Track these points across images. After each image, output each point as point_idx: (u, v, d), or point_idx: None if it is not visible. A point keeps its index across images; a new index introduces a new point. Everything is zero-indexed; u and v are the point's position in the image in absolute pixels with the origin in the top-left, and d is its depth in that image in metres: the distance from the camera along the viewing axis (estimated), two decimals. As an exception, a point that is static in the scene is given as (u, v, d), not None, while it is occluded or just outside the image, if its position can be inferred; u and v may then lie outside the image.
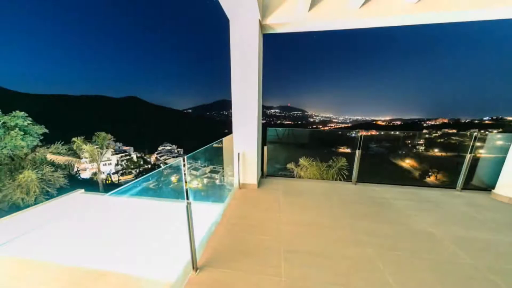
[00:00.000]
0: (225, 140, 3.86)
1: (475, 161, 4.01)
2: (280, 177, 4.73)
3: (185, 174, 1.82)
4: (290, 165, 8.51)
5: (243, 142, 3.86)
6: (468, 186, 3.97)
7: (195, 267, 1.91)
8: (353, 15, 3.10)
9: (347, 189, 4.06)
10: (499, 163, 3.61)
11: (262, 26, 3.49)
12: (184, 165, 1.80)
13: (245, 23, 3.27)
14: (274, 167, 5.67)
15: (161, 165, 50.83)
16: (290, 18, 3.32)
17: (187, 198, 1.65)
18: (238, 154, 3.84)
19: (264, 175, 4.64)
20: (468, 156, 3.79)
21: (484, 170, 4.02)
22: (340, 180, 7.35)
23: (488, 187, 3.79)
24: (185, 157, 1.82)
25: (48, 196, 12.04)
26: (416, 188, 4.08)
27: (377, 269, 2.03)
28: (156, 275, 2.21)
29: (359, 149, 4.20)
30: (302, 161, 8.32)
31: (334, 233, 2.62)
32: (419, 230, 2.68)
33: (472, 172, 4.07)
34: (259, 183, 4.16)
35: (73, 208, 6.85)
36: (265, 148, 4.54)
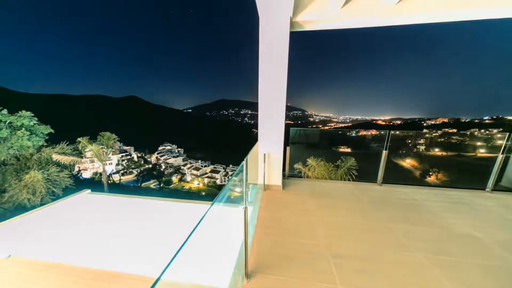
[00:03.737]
0: (252, 149, 3.73)
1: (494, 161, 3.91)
2: (301, 178, 4.66)
3: (246, 174, 1.73)
4: (298, 165, 8.46)
5: (269, 143, 3.77)
6: (497, 187, 3.90)
7: (247, 274, 1.83)
8: (389, 12, 3.01)
9: (373, 190, 3.98)
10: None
11: (291, 24, 3.40)
12: (246, 167, 1.71)
13: (278, 20, 3.18)
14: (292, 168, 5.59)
15: (162, 165, 50.66)
16: (321, 15, 3.23)
17: (246, 202, 1.57)
18: (264, 155, 3.75)
19: (285, 176, 4.55)
20: (500, 156, 3.71)
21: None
22: (349, 180, 7.29)
23: (520, 189, 3.71)
24: (246, 158, 1.73)
25: (54, 196, 11.91)
26: (443, 189, 4.00)
27: (433, 275, 1.95)
28: (202, 281, 2.12)
29: (385, 149, 4.12)
30: (310, 161, 8.26)
31: (375, 237, 2.54)
32: (462, 234, 2.60)
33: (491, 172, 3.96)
34: (283, 185, 4.07)
35: (81, 207, 6.75)
36: (288, 148, 4.46)
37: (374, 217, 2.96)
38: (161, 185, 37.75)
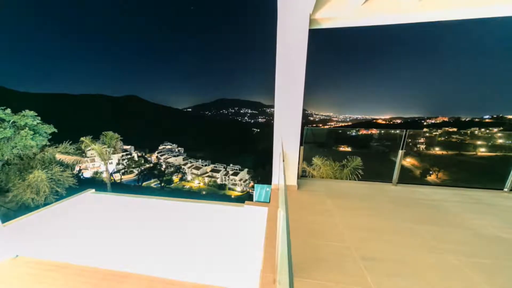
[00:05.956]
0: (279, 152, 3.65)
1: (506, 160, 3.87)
2: (314, 178, 4.61)
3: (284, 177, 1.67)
4: (303, 165, 8.38)
5: (285, 142, 3.71)
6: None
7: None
8: (413, 9, 2.94)
9: (389, 190, 3.92)
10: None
11: (310, 21, 3.33)
12: (284, 172, 1.65)
13: (297, 17, 3.11)
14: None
15: (163, 164, 50.54)
16: (341, 13, 3.17)
17: (286, 206, 1.51)
18: (280, 154, 3.69)
19: (299, 176, 4.49)
20: (520, 156, 3.66)
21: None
22: (355, 179, 7.25)
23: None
24: (282, 161, 1.67)
25: (58, 196, 11.84)
26: (460, 189, 3.95)
27: (470, 279, 1.89)
28: (233, 284, 2.07)
29: (402, 148, 4.06)
30: (315, 160, 8.20)
31: (402, 238, 2.48)
32: (490, 235, 2.55)
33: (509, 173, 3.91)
34: (298, 184, 4.02)
35: (87, 207, 6.69)
36: (301, 148, 4.40)
37: (396, 218, 2.91)
38: (162, 184, 37.68)
